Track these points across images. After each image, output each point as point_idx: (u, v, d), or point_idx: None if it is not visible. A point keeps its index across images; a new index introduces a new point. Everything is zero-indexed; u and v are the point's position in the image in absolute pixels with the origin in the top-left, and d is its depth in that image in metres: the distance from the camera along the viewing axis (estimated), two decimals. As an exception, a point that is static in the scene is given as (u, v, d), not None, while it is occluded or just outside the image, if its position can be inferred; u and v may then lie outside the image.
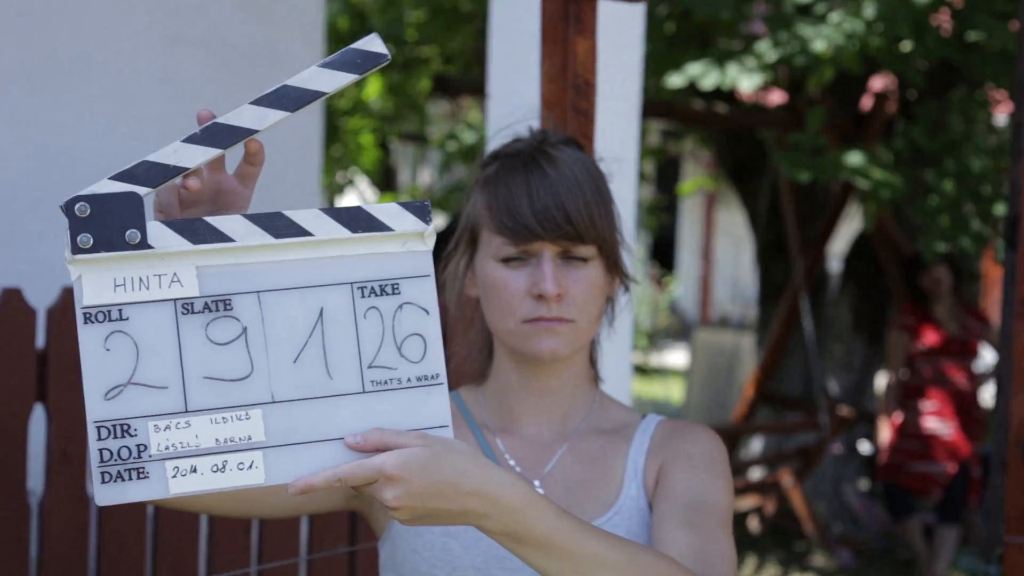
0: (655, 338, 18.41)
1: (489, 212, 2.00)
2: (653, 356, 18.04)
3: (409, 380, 1.59)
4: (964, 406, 7.59)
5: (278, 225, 1.57)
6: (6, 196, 4.47)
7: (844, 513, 8.98)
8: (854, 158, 6.93)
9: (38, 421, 3.22)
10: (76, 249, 1.52)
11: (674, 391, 15.24)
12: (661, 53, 7.42)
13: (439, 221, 17.18)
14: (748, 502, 8.80)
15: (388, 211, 1.59)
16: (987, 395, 7.80)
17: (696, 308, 22.27)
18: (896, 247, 8.50)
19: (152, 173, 1.56)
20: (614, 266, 2.03)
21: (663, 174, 19.51)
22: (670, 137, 13.28)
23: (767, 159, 9.54)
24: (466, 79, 9.90)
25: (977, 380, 7.68)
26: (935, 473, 7.52)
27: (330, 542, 3.57)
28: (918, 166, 7.47)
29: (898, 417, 7.67)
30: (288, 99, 1.59)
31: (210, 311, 1.55)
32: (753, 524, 8.89)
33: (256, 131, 1.59)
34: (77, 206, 1.53)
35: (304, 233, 1.57)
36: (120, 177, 1.56)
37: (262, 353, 1.56)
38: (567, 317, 1.97)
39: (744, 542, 8.64)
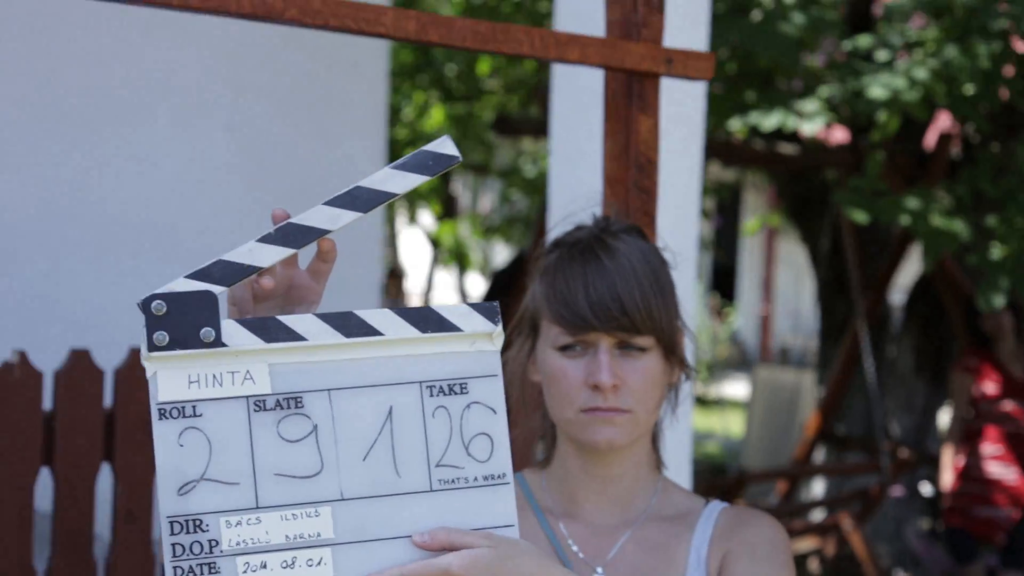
0: (714, 369, 18.34)
1: (547, 301, 2.02)
2: (712, 387, 17.98)
3: (476, 479, 1.61)
4: (1024, 455, 7.53)
5: (349, 324, 1.60)
6: (72, 247, 4.52)
7: (905, 556, 8.91)
8: (913, 202, 6.89)
9: (104, 480, 3.25)
10: (152, 347, 1.55)
11: (733, 424, 15.17)
12: (722, 95, 7.42)
13: (501, 253, 17.22)
14: (808, 544, 8.74)
15: (457, 312, 1.62)
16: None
17: (756, 339, 22.16)
18: (958, 288, 8.44)
19: (228, 272, 1.60)
20: (673, 354, 2.04)
21: (724, 204, 19.44)
22: (732, 168, 13.24)
23: (829, 196, 9.50)
24: (526, 118, 9.92)
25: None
26: (999, 518, 7.45)
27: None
28: (980, 211, 7.42)
29: (961, 461, 7.61)
30: (360, 200, 1.62)
31: (282, 408, 1.58)
32: (813, 566, 8.83)
33: (329, 231, 1.62)
34: (153, 304, 1.56)
35: (374, 333, 1.60)
36: (196, 276, 1.59)
37: (332, 450, 1.58)
38: (624, 407, 1.98)
39: (803, 584, 8.59)
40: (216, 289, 1.58)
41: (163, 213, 4.79)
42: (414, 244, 18.87)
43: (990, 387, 7.57)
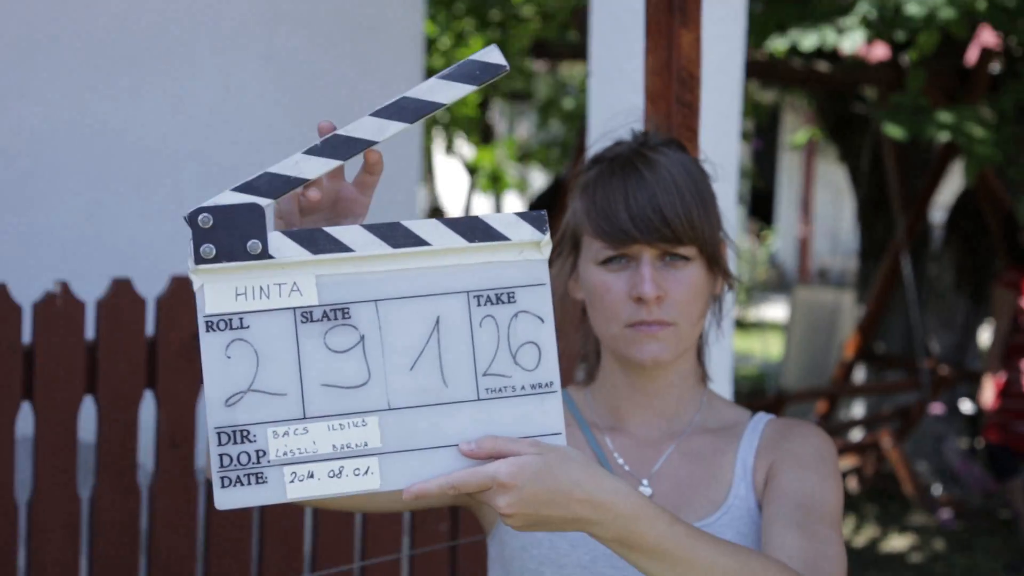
0: (753, 292, 18.31)
1: (588, 216, 2.01)
2: (751, 310, 17.96)
3: (523, 388, 1.60)
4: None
5: (396, 235, 1.59)
6: (112, 181, 4.53)
7: (944, 473, 8.91)
8: (954, 117, 6.82)
9: (148, 407, 3.27)
10: (199, 259, 1.55)
11: (772, 346, 15.16)
12: (762, 13, 7.34)
13: (538, 179, 17.18)
14: (847, 462, 8.75)
15: (505, 221, 1.61)
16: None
17: (795, 261, 22.10)
18: (1000, 204, 8.38)
19: (274, 185, 1.59)
20: (716, 265, 2.03)
21: (762, 126, 19.34)
22: (770, 88, 13.15)
23: (869, 114, 9.42)
24: (564, 43, 9.85)
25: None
26: None
27: (432, 531, 3.59)
28: (1022, 124, 7.35)
29: (1002, 377, 7.58)
30: (407, 111, 1.61)
31: (329, 319, 1.58)
32: (852, 484, 8.85)
33: (375, 142, 1.61)
34: (200, 217, 1.56)
35: (422, 243, 1.59)
36: (242, 188, 1.58)
37: (379, 361, 1.58)
38: (667, 320, 1.97)
39: (844, 503, 8.59)
40: (263, 202, 1.58)
41: (202, 144, 4.78)
42: (451, 175, 18.85)
43: (1032, 302, 7.54)
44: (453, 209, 18.38)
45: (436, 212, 14.99)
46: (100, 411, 3.17)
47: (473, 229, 1.60)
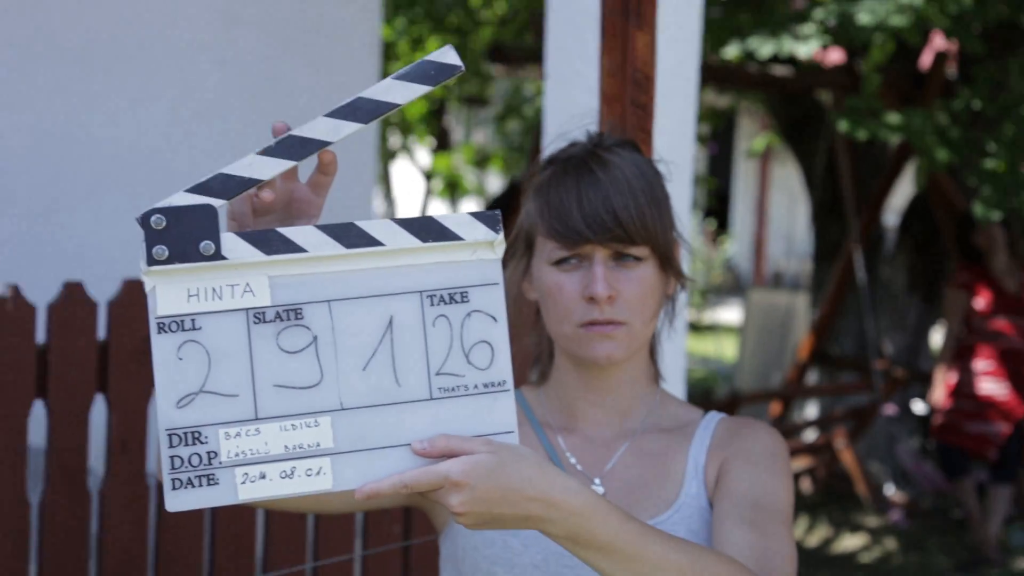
0: (708, 295, 18.37)
1: (541, 217, 2.01)
2: (706, 313, 18.01)
3: (476, 387, 1.60)
4: (1018, 365, 7.55)
5: (349, 235, 1.59)
6: (65, 184, 4.49)
7: (897, 474, 8.96)
8: (909, 119, 6.86)
9: (99, 411, 3.24)
10: (151, 261, 1.54)
11: (727, 348, 15.21)
12: (719, 20, 7.37)
13: (495, 183, 17.17)
14: (801, 463, 8.79)
15: (458, 221, 1.61)
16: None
17: (750, 265, 22.18)
18: (952, 206, 8.43)
19: (227, 185, 1.58)
20: (669, 265, 2.03)
21: (717, 130, 19.39)
22: (726, 93, 13.20)
23: (823, 118, 9.47)
24: (522, 46, 9.85)
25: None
26: (990, 433, 7.49)
27: (385, 532, 3.58)
28: (977, 129, 7.39)
29: (953, 377, 7.63)
30: (362, 111, 1.60)
31: (281, 320, 1.57)
32: (805, 485, 8.88)
33: (330, 143, 1.60)
34: (153, 218, 1.55)
35: (375, 243, 1.59)
36: (195, 190, 1.58)
37: (332, 361, 1.58)
38: (620, 319, 1.97)
39: (796, 503, 8.63)
40: (216, 203, 1.57)
41: (157, 149, 4.75)
42: (408, 181, 18.84)
43: (982, 303, 7.59)
44: (407, 210, 18.34)
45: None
46: (51, 415, 3.15)
47: (427, 229, 1.60)
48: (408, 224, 1.60)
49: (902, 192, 11.93)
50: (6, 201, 4.65)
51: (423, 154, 15.29)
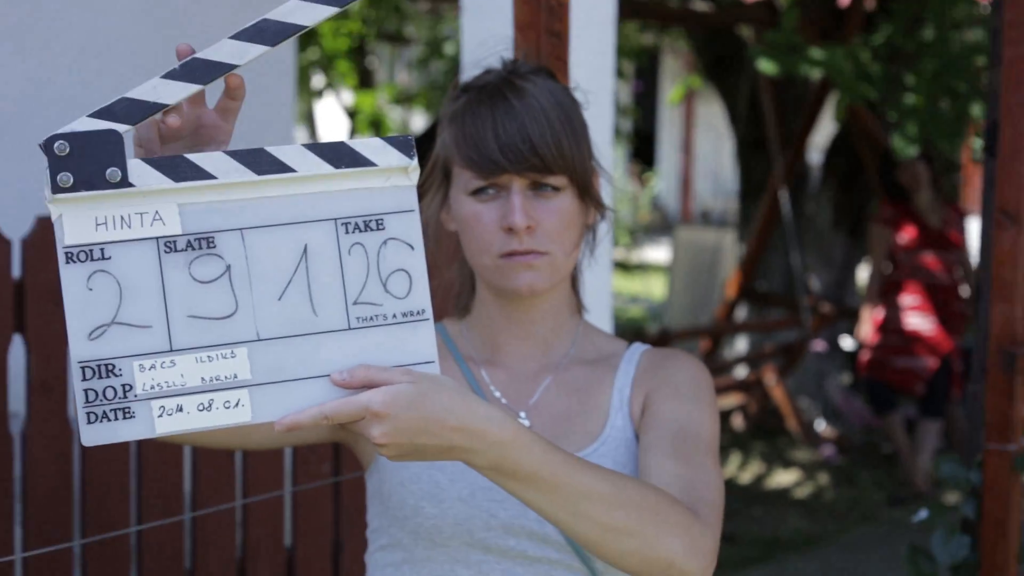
0: (636, 234, 18.42)
1: (457, 147, 1.99)
2: (635, 253, 18.06)
3: (395, 316, 1.58)
4: (944, 300, 7.63)
5: (260, 161, 1.55)
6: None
7: (827, 409, 9.04)
8: (824, 55, 6.88)
9: (17, 352, 3.20)
10: (56, 188, 1.50)
11: (655, 288, 15.28)
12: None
13: (419, 121, 17.10)
14: (731, 400, 8.85)
15: (372, 146, 1.58)
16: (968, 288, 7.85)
17: (677, 203, 22.26)
18: (874, 142, 8.48)
19: (132, 110, 1.54)
20: (587, 195, 2.01)
21: (642, 69, 19.39)
22: (649, 30, 13.20)
23: (746, 54, 9.48)
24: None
25: (957, 273, 7.70)
26: (917, 368, 7.57)
27: (315, 469, 3.58)
28: (896, 63, 7.43)
29: (879, 313, 7.70)
30: (268, 33, 1.57)
31: (193, 249, 1.54)
32: (737, 422, 8.95)
33: (236, 66, 1.56)
34: (56, 144, 1.50)
35: (286, 169, 1.56)
36: (99, 115, 1.53)
37: (246, 291, 1.55)
38: (540, 249, 1.95)
39: (728, 440, 8.70)
40: (121, 128, 1.53)
41: (73, 96, 4.68)
42: (331, 121, 18.73)
43: (907, 238, 7.65)
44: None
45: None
46: (-33, 358, 3.11)
47: (339, 155, 1.57)
48: (319, 149, 1.57)
49: (825, 129, 11.99)
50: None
51: (347, 94, 15.18)
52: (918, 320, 7.63)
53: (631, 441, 2.00)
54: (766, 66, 6.78)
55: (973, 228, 8.90)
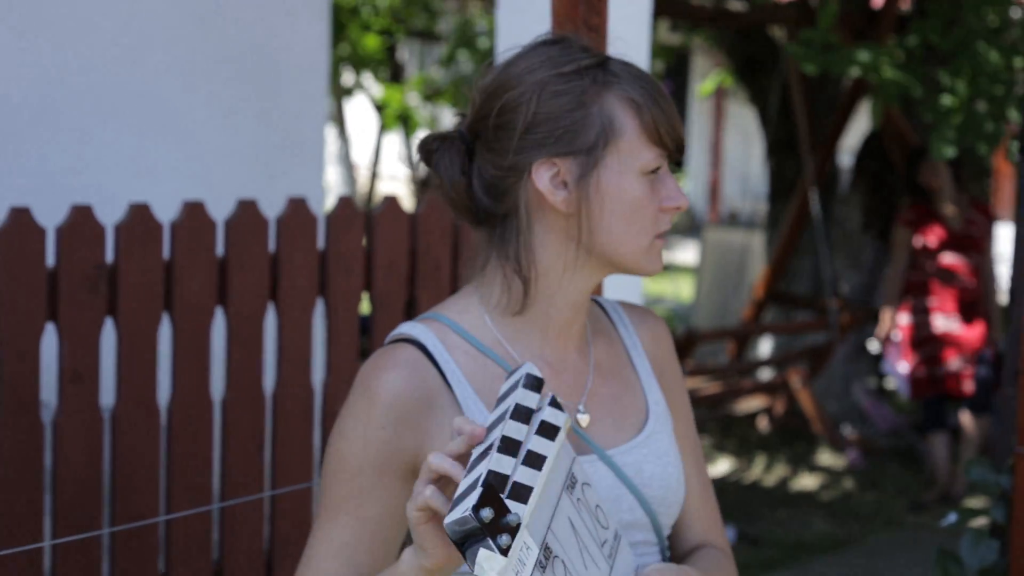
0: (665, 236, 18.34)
1: (647, 125, 1.91)
2: (663, 254, 18.00)
3: (614, 539, 1.83)
4: (968, 303, 7.59)
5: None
6: (10, 111, 4.43)
7: (853, 413, 9.00)
8: (864, 55, 6.85)
9: (50, 340, 3.21)
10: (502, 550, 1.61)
11: (683, 289, 15.25)
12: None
13: (449, 117, 17.08)
14: (757, 402, 8.82)
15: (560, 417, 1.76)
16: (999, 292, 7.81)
17: (705, 204, 22.21)
18: (906, 144, 8.45)
19: (521, 492, 1.66)
20: None
21: (671, 68, 19.36)
22: (679, 30, 13.17)
23: (778, 55, 9.45)
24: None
25: (983, 276, 7.66)
26: (962, 368, 7.51)
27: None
28: (931, 64, 7.39)
29: (905, 321, 7.65)
30: None
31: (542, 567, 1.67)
32: (762, 424, 8.92)
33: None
34: (483, 512, 1.59)
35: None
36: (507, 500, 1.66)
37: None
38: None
39: (754, 442, 8.68)
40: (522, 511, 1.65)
41: (101, 77, 4.68)
42: (361, 117, 18.73)
43: (930, 241, 7.62)
44: (363, 149, 18.26)
45: (346, 155, 14.85)
46: (1, 346, 3.11)
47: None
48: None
49: (856, 131, 11.95)
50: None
51: (377, 90, 15.18)
52: (944, 322, 7.60)
53: (667, 411, 2.06)
54: (807, 67, 6.74)
55: (1002, 233, 8.85)
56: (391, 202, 3.80)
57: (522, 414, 1.70)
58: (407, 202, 11.48)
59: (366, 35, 12.31)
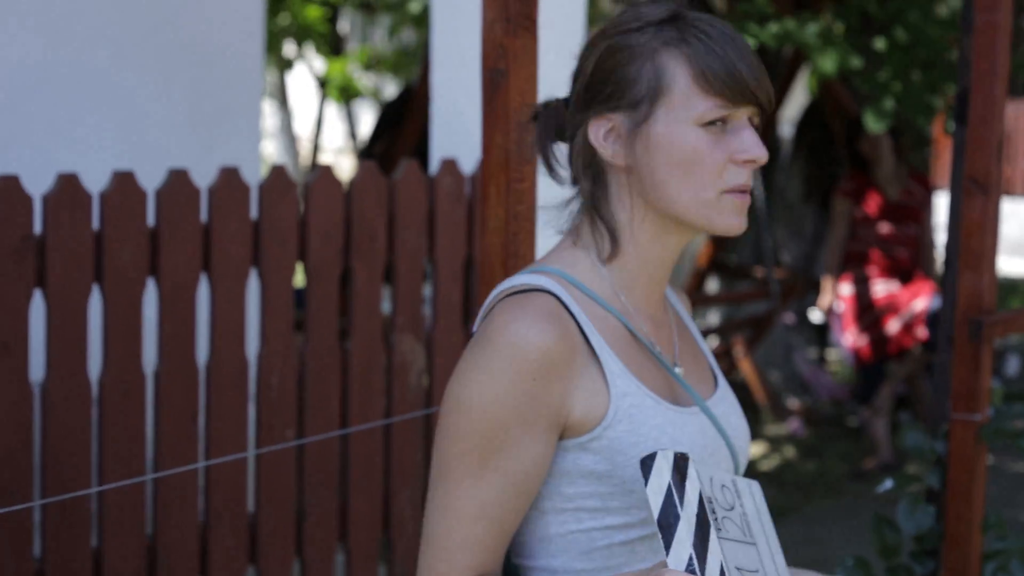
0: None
1: (698, 74, 1.89)
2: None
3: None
4: (905, 271, 7.63)
5: None
6: (2, 81, 4.37)
7: (794, 381, 9.05)
8: (800, 25, 6.85)
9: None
10: None
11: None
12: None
13: (390, 88, 17.02)
14: (700, 371, 8.83)
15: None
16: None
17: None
18: (845, 114, 8.48)
19: None
20: None
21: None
22: (621, 2, 13.16)
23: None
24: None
25: (921, 246, 7.70)
26: (910, 318, 7.52)
27: (278, 433, 3.55)
28: (868, 35, 7.41)
29: (847, 292, 7.68)
30: None
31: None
32: (705, 393, 8.94)
33: None
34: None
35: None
36: None
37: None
38: (751, 186, 1.93)
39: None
40: None
41: (98, 44, 4.61)
42: (304, 90, 18.62)
43: (868, 210, 7.66)
44: (305, 122, 18.16)
45: (288, 127, 14.76)
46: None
47: None
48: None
49: (796, 101, 11.98)
50: None
51: (319, 63, 15.08)
52: (884, 288, 7.63)
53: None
54: (745, 37, 6.74)
55: (941, 202, 8.91)
56: (325, 171, 3.77)
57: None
58: (351, 174, 11.42)
59: (307, 6, 12.22)
